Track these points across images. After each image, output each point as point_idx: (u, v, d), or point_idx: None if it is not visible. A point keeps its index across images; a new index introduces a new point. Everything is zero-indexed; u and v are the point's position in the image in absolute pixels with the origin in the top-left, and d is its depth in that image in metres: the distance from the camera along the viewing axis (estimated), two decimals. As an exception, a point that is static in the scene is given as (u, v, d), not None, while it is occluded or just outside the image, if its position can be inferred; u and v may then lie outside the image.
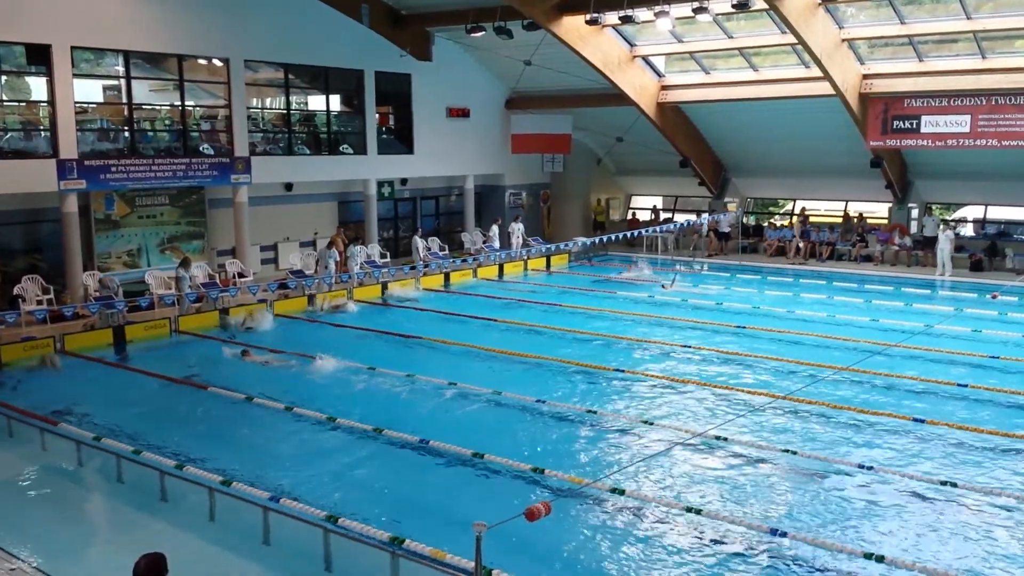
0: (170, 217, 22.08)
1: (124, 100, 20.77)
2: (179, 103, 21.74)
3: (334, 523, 8.53)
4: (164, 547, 5.27)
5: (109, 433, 11.61)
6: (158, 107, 22.38)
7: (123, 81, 20.73)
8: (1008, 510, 9.27)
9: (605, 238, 25.83)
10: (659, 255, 27.40)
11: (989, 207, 26.54)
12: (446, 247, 27.40)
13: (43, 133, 19.40)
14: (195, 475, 9.87)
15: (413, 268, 23.32)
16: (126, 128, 20.84)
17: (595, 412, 12.54)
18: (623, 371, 14.73)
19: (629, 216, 32.14)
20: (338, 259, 22.49)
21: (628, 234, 27.04)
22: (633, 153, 29.64)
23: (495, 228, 27.57)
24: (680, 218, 29.80)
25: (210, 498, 9.17)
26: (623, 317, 19.28)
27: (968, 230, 26.98)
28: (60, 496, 10.18)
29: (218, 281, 21.04)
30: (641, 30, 24.74)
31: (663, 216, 31.04)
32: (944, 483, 9.79)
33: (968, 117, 22.68)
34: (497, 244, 27.08)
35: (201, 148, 22.09)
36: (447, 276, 24.02)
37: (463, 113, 28.12)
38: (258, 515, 8.69)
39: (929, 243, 24.98)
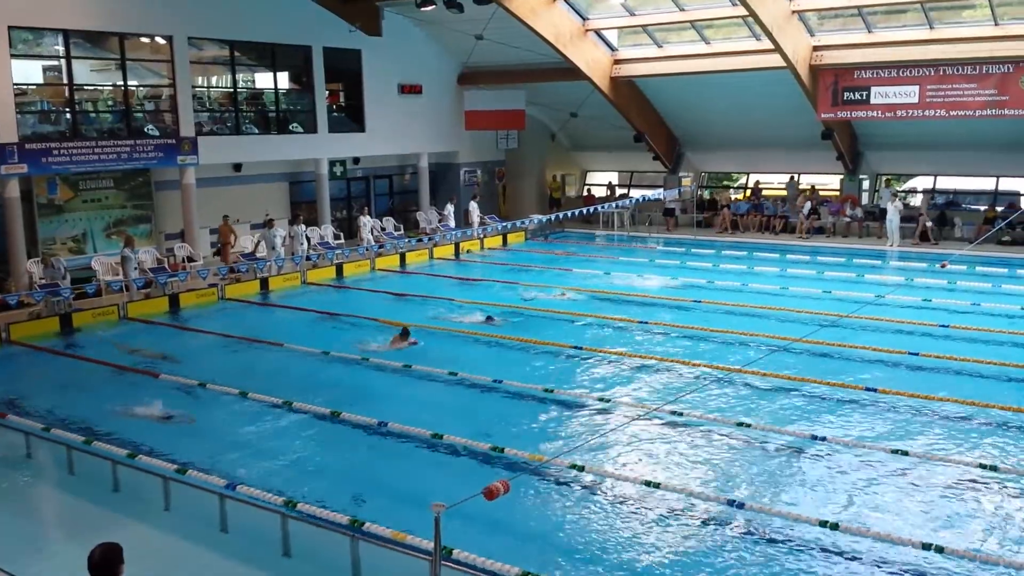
0: (115, 201, 21.55)
1: (65, 81, 20.18)
2: (122, 83, 21.20)
3: (292, 508, 8.45)
4: (118, 538, 5.10)
5: (58, 423, 11.36)
6: (100, 88, 21.80)
7: (63, 61, 20.13)
8: (959, 477, 9.44)
9: (561, 215, 25.80)
10: (615, 231, 27.47)
11: (938, 177, 26.98)
12: (401, 227, 27.16)
13: (-20, 116, 18.81)
14: (148, 464, 9.68)
15: (367, 249, 23.12)
16: (68, 110, 20.27)
17: (551, 390, 12.53)
18: (581, 348, 14.74)
19: (585, 192, 32.14)
20: (283, 236, 21.92)
21: (584, 211, 27.04)
22: (587, 128, 29.60)
23: (450, 207, 27.36)
24: (636, 193, 29.86)
25: (164, 487, 9.00)
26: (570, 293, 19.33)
27: (918, 200, 27.42)
28: (9, 489, 9.91)
29: (167, 266, 20.61)
30: (593, 3, 24.65)
31: (619, 192, 31.11)
32: (895, 451, 9.96)
33: (916, 88, 22.96)
34: (453, 223, 26.89)
35: (146, 129, 21.54)
36: (403, 256, 23.87)
37: (415, 90, 27.76)
38: (214, 503, 8.56)
39: (882, 214, 25.32)
